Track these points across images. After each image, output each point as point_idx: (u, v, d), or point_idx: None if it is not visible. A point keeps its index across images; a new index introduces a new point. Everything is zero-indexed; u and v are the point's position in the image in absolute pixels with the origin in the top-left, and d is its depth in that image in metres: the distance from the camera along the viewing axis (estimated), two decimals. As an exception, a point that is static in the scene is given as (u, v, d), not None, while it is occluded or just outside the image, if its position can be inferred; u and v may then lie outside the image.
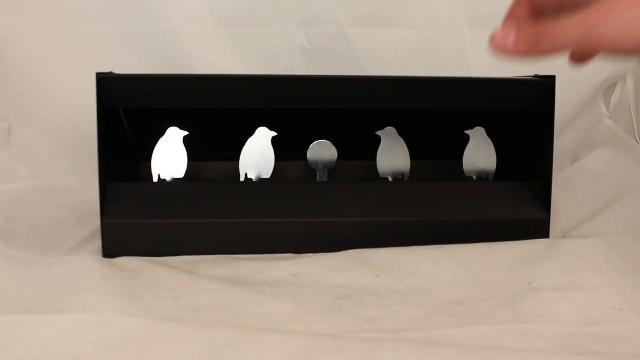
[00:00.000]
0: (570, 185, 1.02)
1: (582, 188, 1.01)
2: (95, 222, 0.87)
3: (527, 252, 0.80)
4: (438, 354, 0.57)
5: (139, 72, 0.96)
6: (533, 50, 0.48)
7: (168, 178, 0.90)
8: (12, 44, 1.00)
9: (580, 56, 0.49)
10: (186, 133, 0.90)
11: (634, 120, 1.15)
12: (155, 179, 0.90)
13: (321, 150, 0.94)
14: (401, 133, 0.95)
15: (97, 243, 0.84)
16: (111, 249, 0.82)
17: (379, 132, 0.94)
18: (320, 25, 1.04)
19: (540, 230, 0.86)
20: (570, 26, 0.46)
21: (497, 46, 0.48)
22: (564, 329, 0.63)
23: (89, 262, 0.77)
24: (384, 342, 0.58)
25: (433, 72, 1.06)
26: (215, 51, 1.04)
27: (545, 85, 0.86)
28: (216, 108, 0.91)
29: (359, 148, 0.97)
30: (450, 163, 1.00)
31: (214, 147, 1.00)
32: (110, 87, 0.82)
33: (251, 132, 0.91)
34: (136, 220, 0.83)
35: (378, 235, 0.84)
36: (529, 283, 0.74)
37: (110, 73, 0.83)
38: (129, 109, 0.92)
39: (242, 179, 0.91)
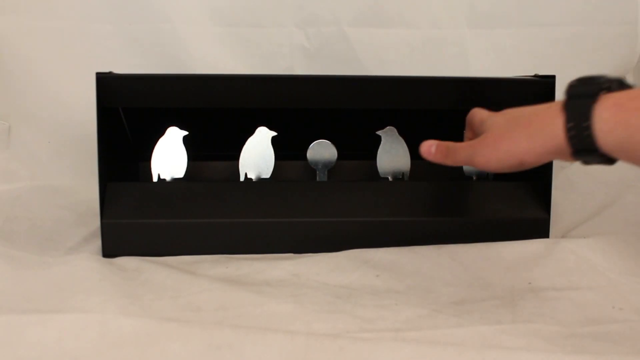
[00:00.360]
0: (570, 185, 1.02)
1: (582, 188, 1.01)
2: (95, 222, 0.87)
3: (527, 252, 0.80)
4: (438, 354, 0.57)
5: (139, 72, 0.96)
6: (444, 160, 0.73)
7: (168, 178, 0.90)
8: (12, 44, 1.00)
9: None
10: (186, 133, 0.90)
11: (634, 120, 1.15)
12: (155, 179, 0.90)
13: (321, 150, 0.94)
14: (401, 133, 0.95)
15: (97, 243, 0.84)
16: (111, 249, 0.82)
17: (379, 132, 0.94)
18: (321, 25, 1.04)
19: (540, 230, 0.86)
20: (462, 150, 0.70)
21: (424, 152, 0.74)
22: (564, 329, 0.63)
23: (89, 262, 0.77)
24: (384, 342, 0.58)
25: (433, 72, 1.06)
26: (215, 51, 1.04)
27: (545, 85, 0.86)
28: (216, 108, 0.91)
29: (359, 148, 0.97)
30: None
31: (214, 147, 1.00)
32: (110, 87, 0.82)
33: (251, 132, 0.91)
34: (136, 220, 0.83)
35: (378, 235, 0.84)
36: (529, 283, 0.74)
37: (110, 73, 0.83)
38: (129, 109, 0.92)
39: (242, 179, 0.91)
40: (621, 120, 0.58)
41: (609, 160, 0.62)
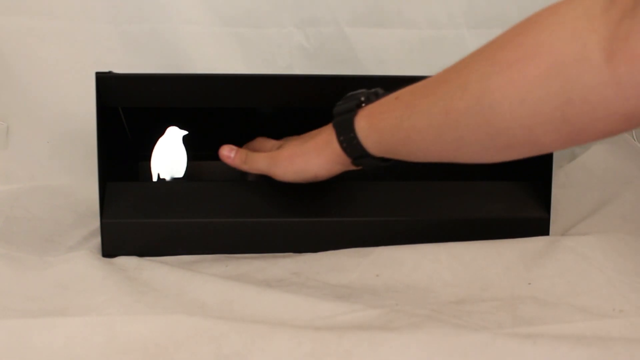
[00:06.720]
0: (568, 182, 1.03)
1: (580, 186, 1.02)
2: (95, 222, 0.87)
3: (527, 251, 0.80)
4: (441, 356, 0.58)
5: (138, 72, 0.96)
6: (241, 166, 0.82)
7: (168, 178, 0.90)
8: (11, 44, 0.99)
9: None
10: (186, 133, 0.90)
11: (631, 118, 1.15)
12: (155, 179, 0.90)
13: (321, 150, 0.93)
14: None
15: (97, 243, 0.84)
16: (111, 248, 0.82)
17: None
18: (320, 25, 1.04)
19: (540, 230, 0.86)
20: (261, 160, 0.79)
21: (223, 157, 0.83)
22: (564, 330, 0.64)
23: (90, 260, 0.77)
24: (388, 344, 0.59)
25: (433, 72, 1.05)
26: (215, 51, 1.03)
27: (544, 85, 0.86)
28: (216, 108, 0.91)
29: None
30: (450, 162, 1.00)
31: (214, 147, 1.00)
32: (110, 86, 0.82)
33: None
34: (136, 220, 0.83)
35: (378, 235, 0.84)
36: (529, 284, 0.74)
37: (110, 73, 0.82)
38: (129, 108, 0.91)
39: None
40: (372, 126, 0.68)
41: (385, 160, 0.71)
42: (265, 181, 0.90)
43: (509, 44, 0.58)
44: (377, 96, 0.71)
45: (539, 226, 0.86)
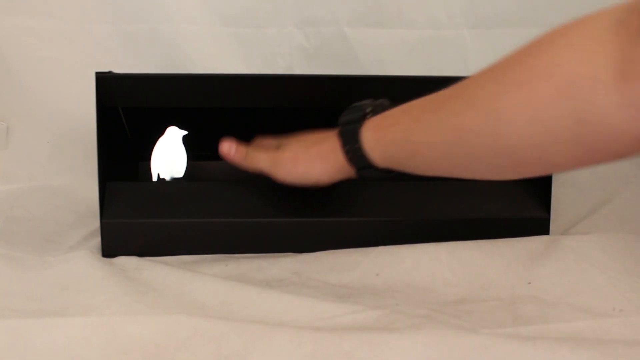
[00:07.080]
0: (568, 182, 1.02)
1: (580, 185, 1.02)
2: (95, 222, 0.87)
3: (527, 250, 0.80)
4: (441, 358, 0.58)
5: (138, 72, 0.95)
6: (242, 162, 0.80)
7: (168, 178, 0.90)
8: (11, 44, 1.00)
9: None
10: (186, 133, 0.90)
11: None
12: (155, 179, 0.90)
13: (321, 150, 0.93)
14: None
15: (97, 243, 0.84)
16: (111, 248, 0.82)
17: None
18: (320, 25, 1.04)
19: (540, 230, 0.86)
20: (262, 160, 0.79)
21: (223, 151, 0.81)
22: (564, 330, 0.64)
23: (90, 260, 0.77)
24: (388, 345, 0.59)
25: (433, 72, 1.06)
26: (215, 51, 1.03)
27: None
28: (216, 108, 0.91)
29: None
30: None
31: (214, 147, 1.00)
32: (110, 86, 0.82)
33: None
34: (136, 220, 0.83)
35: (378, 235, 0.84)
36: (529, 283, 0.74)
37: (110, 73, 0.82)
38: (129, 108, 0.91)
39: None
40: (379, 138, 0.69)
41: (389, 171, 0.71)
42: (265, 181, 0.90)
43: (519, 65, 0.58)
44: (384, 108, 0.72)
45: (539, 226, 0.86)
